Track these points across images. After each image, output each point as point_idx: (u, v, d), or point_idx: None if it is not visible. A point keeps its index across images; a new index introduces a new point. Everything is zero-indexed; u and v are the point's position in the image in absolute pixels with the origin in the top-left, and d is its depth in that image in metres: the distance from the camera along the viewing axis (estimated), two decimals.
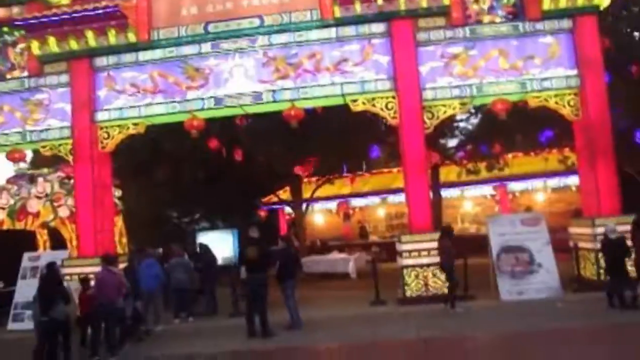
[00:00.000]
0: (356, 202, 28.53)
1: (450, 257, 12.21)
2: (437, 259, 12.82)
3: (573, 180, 22.52)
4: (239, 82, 14.24)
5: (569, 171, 20.61)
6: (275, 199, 27.35)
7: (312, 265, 20.56)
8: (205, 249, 15.67)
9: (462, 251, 13.37)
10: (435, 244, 12.79)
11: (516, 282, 12.91)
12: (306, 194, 25.55)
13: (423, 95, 13.70)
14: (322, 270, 20.44)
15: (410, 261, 13.14)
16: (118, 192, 20.59)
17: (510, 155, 23.17)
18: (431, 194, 16.33)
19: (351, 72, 13.99)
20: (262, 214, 28.67)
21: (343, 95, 14.02)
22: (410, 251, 13.14)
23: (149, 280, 12.41)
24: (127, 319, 11.16)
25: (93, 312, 10.69)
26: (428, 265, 13.04)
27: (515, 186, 25.54)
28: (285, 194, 26.89)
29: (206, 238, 21.64)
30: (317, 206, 28.26)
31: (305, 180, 25.95)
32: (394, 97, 13.85)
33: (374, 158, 24.05)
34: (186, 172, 22.18)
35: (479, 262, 13.97)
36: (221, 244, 21.27)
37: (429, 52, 13.87)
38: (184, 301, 13.85)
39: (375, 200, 28.15)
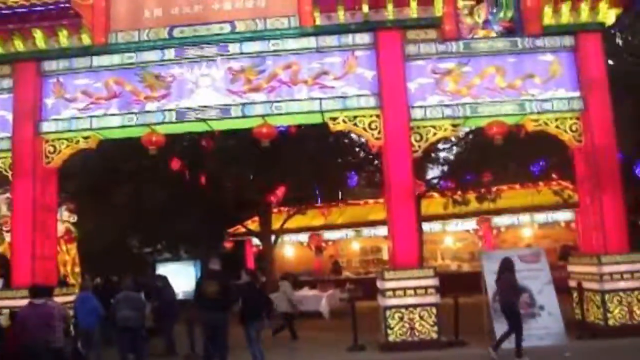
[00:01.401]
0: (329, 235, 26.82)
1: (516, 295, 10.59)
2: (424, 300, 11.35)
3: (563, 216, 21.40)
4: (205, 93, 12.60)
5: (565, 205, 19.37)
6: (242, 230, 25.58)
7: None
8: (164, 282, 13.86)
9: (445, 290, 11.94)
10: (422, 282, 11.38)
11: None
12: (276, 225, 23.94)
13: (411, 114, 12.24)
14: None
15: (394, 301, 11.46)
16: (73, 218, 18.78)
17: (494, 188, 21.80)
18: None
19: (331, 87, 12.48)
20: (228, 245, 26.85)
21: (322, 111, 12.48)
22: (394, 289, 11.47)
23: (85, 316, 10.72)
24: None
25: (15, 354, 8.89)
26: (415, 306, 11.39)
27: (500, 221, 24.11)
28: (253, 224, 25.24)
29: (166, 269, 19.99)
30: (287, 238, 26.57)
31: (275, 210, 24.47)
32: (378, 116, 12.38)
33: (350, 187, 22.59)
34: (147, 196, 20.47)
35: (466, 302, 12.40)
36: (182, 277, 19.64)
37: (419, 67, 12.47)
38: (132, 342, 11.96)
39: (349, 233, 26.52)
